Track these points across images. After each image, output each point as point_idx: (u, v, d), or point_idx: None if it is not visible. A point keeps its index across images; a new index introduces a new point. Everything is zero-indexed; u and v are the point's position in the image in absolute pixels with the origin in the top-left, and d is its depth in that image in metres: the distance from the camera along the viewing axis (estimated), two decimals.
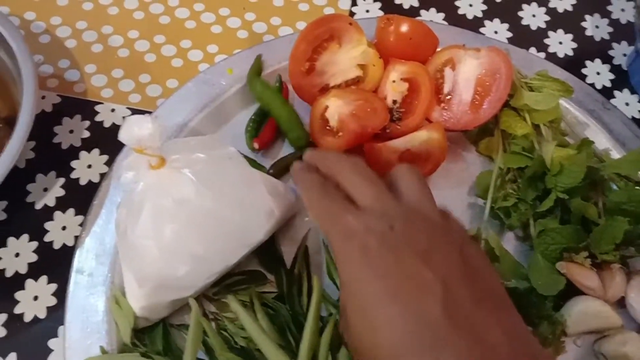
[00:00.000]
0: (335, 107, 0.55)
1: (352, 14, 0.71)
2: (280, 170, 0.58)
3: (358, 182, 0.38)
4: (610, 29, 0.72)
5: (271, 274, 0.52)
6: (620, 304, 0.52)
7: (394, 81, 0.58)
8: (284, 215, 0.52)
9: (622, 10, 0.74)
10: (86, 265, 0.51)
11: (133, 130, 0.44)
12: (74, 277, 0.51)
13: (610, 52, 0.70)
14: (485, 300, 0.32)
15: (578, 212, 0.52)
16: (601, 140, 0.60)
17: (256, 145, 0.57)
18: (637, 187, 0.54)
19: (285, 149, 0.60)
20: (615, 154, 0.59)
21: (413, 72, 0.57)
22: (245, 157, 0.57)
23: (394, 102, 0.58)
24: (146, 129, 0.44)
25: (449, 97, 0.59)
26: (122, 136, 0.44)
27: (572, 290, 0.51)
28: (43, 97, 0.62)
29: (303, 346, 0.42)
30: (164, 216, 0.46)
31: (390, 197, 0.37)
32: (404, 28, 0.60)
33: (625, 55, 0.70)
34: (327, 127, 0.56)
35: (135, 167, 0.47)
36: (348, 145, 0.55)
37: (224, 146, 0.51)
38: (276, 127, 0.59)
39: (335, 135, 0.56)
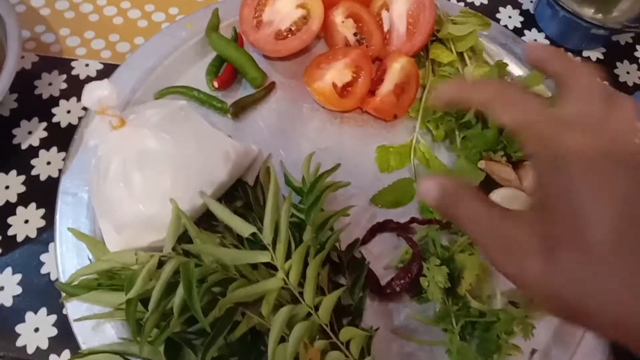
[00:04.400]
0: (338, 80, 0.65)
1: None
2: (239, 109, 0.66)
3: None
4: (522, 18, 0.81)
5: (237, 191, 0.60)
6: None
7: (342, 22, 0.68)
8: (241, 160, 0.58)
9: (531, 1, 0.83)
10: (71, 188, 0.58)
11: (94, 93, 0.50)
12: (60, 198, 0.57)
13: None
14: None
15: (494, 120, 0.62)
16: (514, 68, 0.71)
17: (216, 85, 0.65)
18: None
19: (243, 90, 0.68)
20: None
21: (348, 8, 0.67)
22: (208, 95, 0.65)
23: (355, 34, 0.68)
24: (105, 89, 0.50)
25: (388, 34, 0.69)
26: (85, 100, 0.51)
27: (493, 185, 0.61)
28: (22, 57, 0.68)
29: (266, 217, 0.49)
30: (131, 165, 0.51)
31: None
32: None
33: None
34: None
35: (98, 130, 0.53)
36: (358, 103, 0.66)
37: (175, 102, 0.58)
38: (234, 70, 0.67)
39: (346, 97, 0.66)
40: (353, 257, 0.57)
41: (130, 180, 0.51)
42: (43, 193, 0.60)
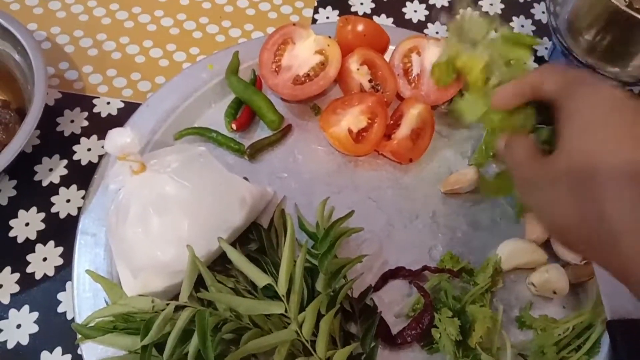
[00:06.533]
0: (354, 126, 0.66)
1: (314, 20, 0.82)
2: (256, 151, 0.67)
3: None
4: (534, 28, 0.85)
5: (251, 234, 0.61)
6: (547, 245, 0.62)
7: (358, 69, 0.69)
8: (256, 204, 0.59)
9: (543, 12, 0.87)
10: (90, 228, 0.59)
11: (116, 140, 0.52)
12: (79, 238, 0.58)
13: (535, 47, 0.82)
14: None
15: None
16: None
17: (234, 127, 0.67)
18: None
19: (260, 131, 0.69)
20: None
21: (363, 55, 0.69)
22: (226, 137, 0.67)
23: (370, 80, 0.70)
24: (127, 136, 0.52)
25: (418, 77, 0.70)
26: (107, 147, 0.52)
27: None
28: (47, 94, 0.70)
29: (282, 268, 0.50)
30: (149, 209, 0.53)
31: None
32: (360, 27, 0.71)
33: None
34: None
35: (119, 174, 0.54)
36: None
37: (194, 148, 0.59)
38: (252, 112, 0.69)
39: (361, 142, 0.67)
40: (365, 305, 0.57)
41: (149, 225, 0.52)
42: (62, 231, 0.61)
